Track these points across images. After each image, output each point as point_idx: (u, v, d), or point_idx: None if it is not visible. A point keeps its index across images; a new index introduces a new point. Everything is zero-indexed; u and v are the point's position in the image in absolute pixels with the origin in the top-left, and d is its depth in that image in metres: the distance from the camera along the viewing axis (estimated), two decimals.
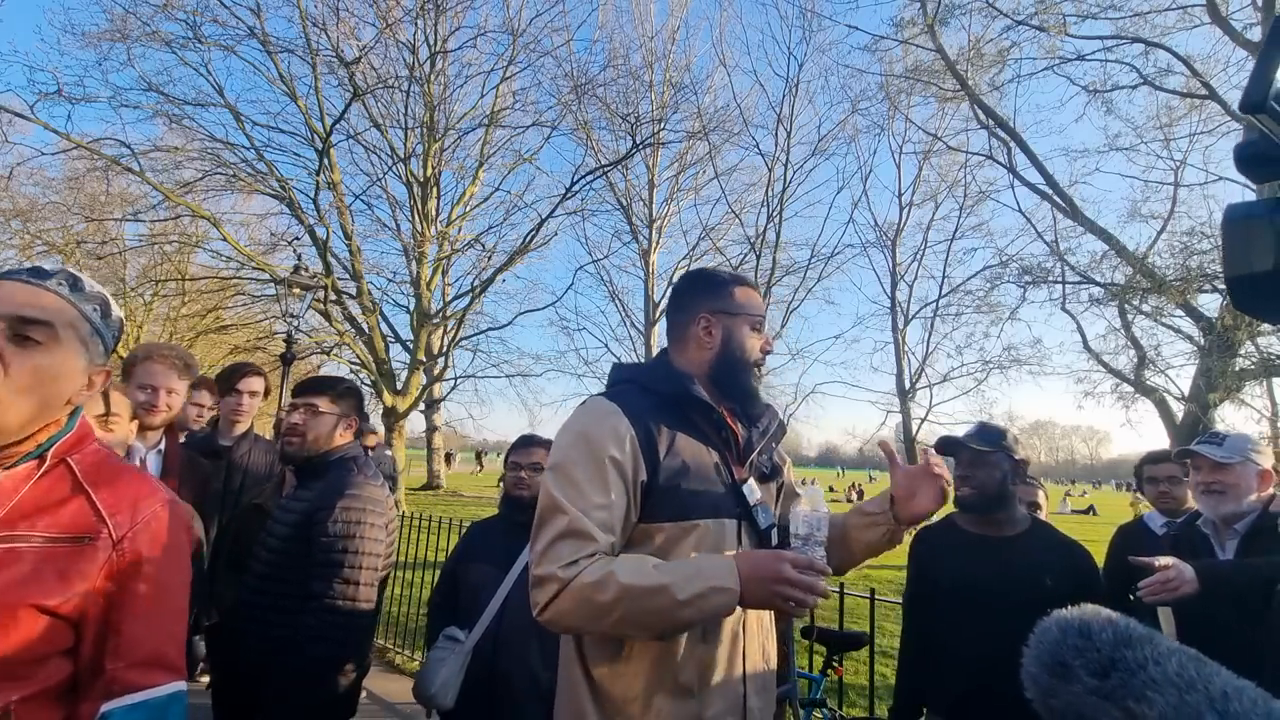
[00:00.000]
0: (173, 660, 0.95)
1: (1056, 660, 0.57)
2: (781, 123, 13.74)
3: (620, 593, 1.04)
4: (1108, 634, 0.56)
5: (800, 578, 1.05)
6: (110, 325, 1.00)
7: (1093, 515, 25.74)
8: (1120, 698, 0.52)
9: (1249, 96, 0.49)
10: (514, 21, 11.76)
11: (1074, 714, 0.55)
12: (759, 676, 1.24)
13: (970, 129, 12.74)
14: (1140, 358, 10.26)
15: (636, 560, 1.11)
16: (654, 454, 1.19)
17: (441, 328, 12.58)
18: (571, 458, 1.18)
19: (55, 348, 0.89)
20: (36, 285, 0.90)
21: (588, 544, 1.10)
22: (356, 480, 1.81)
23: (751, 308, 1.35)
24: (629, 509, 1.17)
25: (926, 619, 2.04)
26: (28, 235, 11.90)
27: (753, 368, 1.34)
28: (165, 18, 9.67)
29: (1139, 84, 10.01)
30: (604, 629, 1.09)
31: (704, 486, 1.22)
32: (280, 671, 1.60)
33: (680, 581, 1.05)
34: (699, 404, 1.27)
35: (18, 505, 0.87)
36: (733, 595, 1.06)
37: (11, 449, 0.89)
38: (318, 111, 10.84)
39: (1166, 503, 2.58)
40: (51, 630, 0.84)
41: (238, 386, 2.77)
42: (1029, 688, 0.59)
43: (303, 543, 1.73)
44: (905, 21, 11.44)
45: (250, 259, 11.27)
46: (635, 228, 14.93)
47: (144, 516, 0.94)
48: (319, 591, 1.67)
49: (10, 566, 0.82)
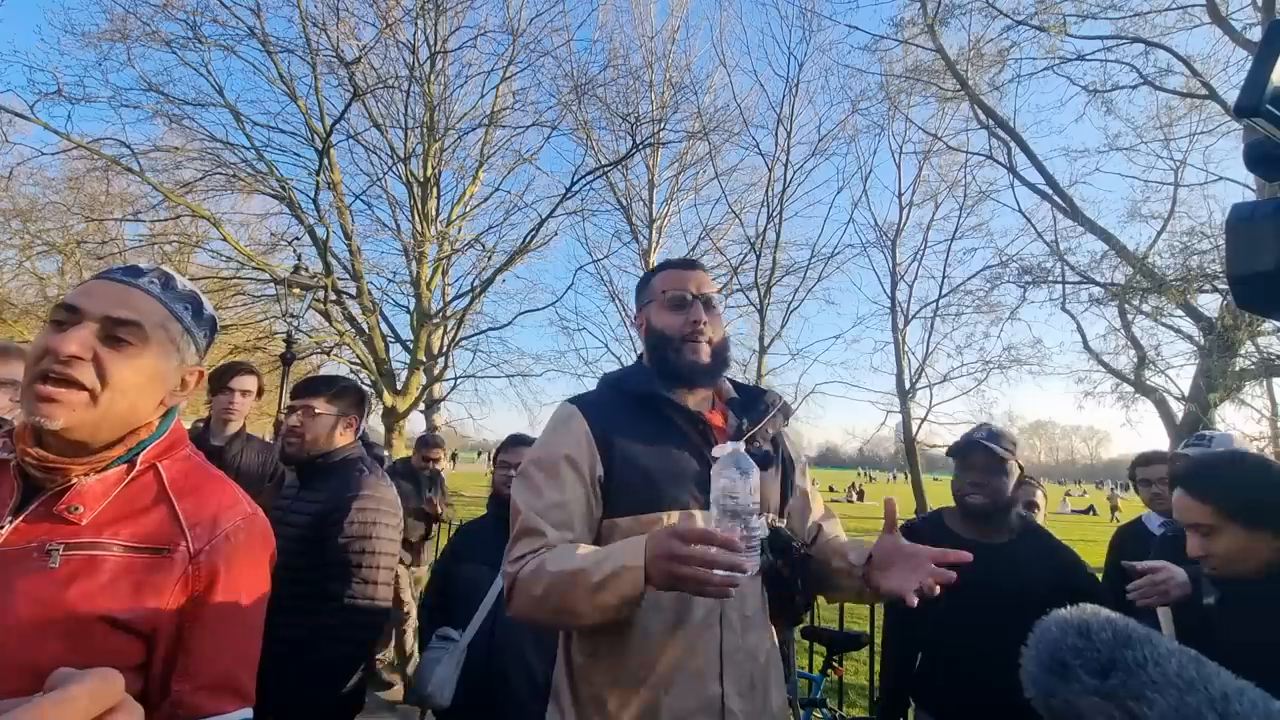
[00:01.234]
0: (243, 685, 0.90)
1: (1056, 660, 0.57)
2: (781, 123, 13.77)
3: (549, 581, 1.05)
4: (1107, 634, 0.56)
5: (692, 552, 0.92)
6: (202, 324, 0.98)
7: (1093, 515, 25.76)
8: (1120, 698, 0.52)
9: (1244, 100, 0.49)
10: (514, 21, 11.78)
11: (1074, 714, 0.55)
12: (744, 676, 1.17)
13: (970, 129, 12.77)
14: (1140, 358, 10.26)
15: (567, 548, 1.10)
16: (611, 449, 1.20)
17: (441, 328, 12.58)
18: (532, 460, 1.22)
19: (146, 349, 0.87)
20: (128, 285, 0.88)
21: (537, 539, 1.13)
22: (368, 481, 1.83)
23: (664, 287, 1.33)
24: (589, 504, 1.18)
25: (911, 616, 2.05)
26: (28, 235, 11.89)
27: (680, 343, 1.28)
28: (165, 18, 9.69)
29: (1139, 84, 10.02)
30: (548, 620, 1.11)
31: (668, 479, 1.20)
32: (296, 671, 1.61)
33: (594, 565, 1.02)
34: (658, 399, 1.26)
35: (104, 512, 0.85)
36: (637, 572, 0.98)
37: (103, 453, 0.87)
38: (318, 111, 10.85)
39: (1160, 503, 2.58)
40: (122, 644, 0.81)
41: (229, 385, 2.76)
42: (1028, 687, 0.59)
43: (315, 544, 1.74)
44: (905, 21, 11.45)
45: (250, 259, 11.27)
46: (635, 228, 14.93)
47: (223, 529, 0.91)
48: (337, 592, 1.68)
49: (89, 576, 0.80)
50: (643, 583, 0.99)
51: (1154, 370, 10.17)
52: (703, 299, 1.31)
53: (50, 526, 0.82)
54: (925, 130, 14.17)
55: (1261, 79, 0.49)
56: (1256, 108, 0.49)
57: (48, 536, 0.81)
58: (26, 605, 0.77)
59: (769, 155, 13.79)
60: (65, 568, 0.80)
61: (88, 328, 0.83)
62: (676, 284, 1.31)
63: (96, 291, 0.86)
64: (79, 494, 0.84)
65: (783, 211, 13.72)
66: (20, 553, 0.80)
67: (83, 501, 0.84)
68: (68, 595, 0.78)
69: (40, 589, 0.78)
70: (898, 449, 17.18)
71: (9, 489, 0.84)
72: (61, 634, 0.77)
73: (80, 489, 0.84)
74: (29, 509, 0.83)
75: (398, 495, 1.94)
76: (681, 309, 1.30)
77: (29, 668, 0.75)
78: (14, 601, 0.77)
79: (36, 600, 0.77)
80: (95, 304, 0.85)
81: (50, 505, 0.84)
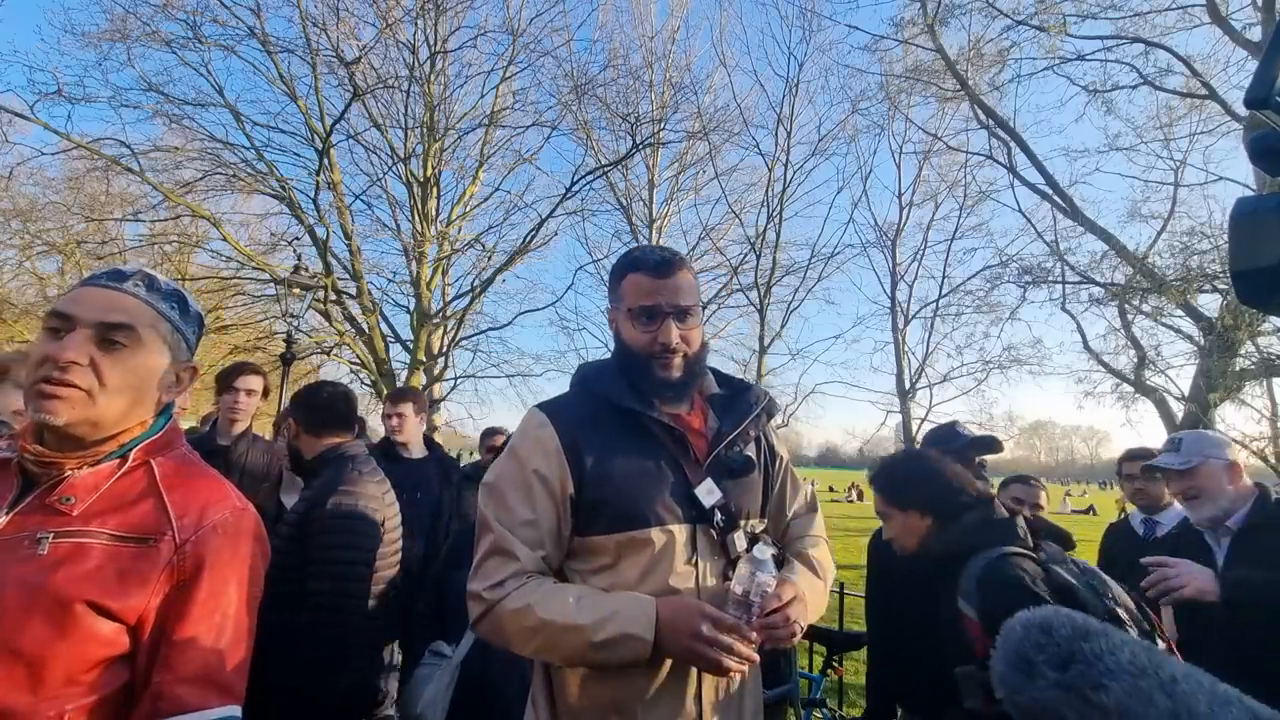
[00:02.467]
0: (226, 680, 0.90)
1: (1021, 657, 0.60)
2: (781, 123, 13.75)
3: (537, 625, 1.03)
4: (1066, 629, 0.59)
5: (719, 638, 0.98)
6: (190, 320, 1.01)
7: (1092, 515, 25.74)
8: (1079, 688, 0.55)
9: (1253, 92, 0.49)
10: (514, 21, 11.76)
11: (1039, 708, 0.57)
12: (721, 702, 1.14)
13: (970, 129, 12.73)
14: (1140, 358, 10.25)
15: (558, 592, 1.07)
16: (581, 465, 1.14)
17: (441, 328, 12.57)
18: (500, 473, 1.16)
19: (139, 349, 0.91)
20: (115, 289, 0.92)
21: (511, 562, 1.09)
22: (350, 476, 1.81)
23: (634, 297, 1.21)
24: (559, 523, 1.13)
25: (888, 618, 2.07)
26: (28, 235, 11.88)
27: (648, 361, 1.19)
28: (165, 18, 9.67)
29: (1139, 84, 10.00)
30: (525, 652, 1.08)
31: (645, 494, 1.13)
32: (273, 669, 1.60)
33: (595, 624, 1.01)
34: (630, 411, 1.18)
35: (95, 503, 0.88)
36: (645, 645, 1.00)
37: (96, 447, 0.90)
38: (318, 111, 10.83)
39: (1141, 499, 2.61)
40: (108, 633, 0.83)
41: (234, 384, 2.78)
42: (997, 687, 0.62)
43: (301, 541, 1.73)
44: (905, 21, 11.43)
45: (250, 259, 11.27)
46: (635, 228, 14.92)
47: (211, 521, 0.92)
48: (313, 590, 1.66)
49: (75, 563, 0.82)
50: (649, 654, 1.00)
51: (1154, 370, 10.16)
52: (675, 312, 1.19)
53: (43, 517, 0.85)
54: (925, 130, 14.16)
55: (1271, 72, 0.49)
56: (1265, 100, 0.49)
57: (40, 526, 0.84)
58: (14, 590, 0.79)
59: (769, 155, 13.78)
60: (53, 554, 0.82)
61: (83, 334, 0.87)
62: (646, 295, 1.20)
63: (86, 298, 0.90)
64: (71, 486, 0.87)
65: (783, 211, 13.72)
66: (13, 541, 0.83)
67: (75, 493, 0.87)
68: (54, 579, 0.80)
69: (28, 574, 0.80)
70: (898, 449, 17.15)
71: (9, 485, 0.88)
72: (46, 617, 0.79)
73: (73, 481, 0.87)
74: (24, 501, 0.86)
75: (388, 491, 1.91)
76: (651, 324, 1.20)
77: (14, 651, 0.77)
78: (3, 587, 0.79)
79: (23, 584, 0.80)
80: (87, 310, 0.88)
81: (44, 497, 0.87)
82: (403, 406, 3.20)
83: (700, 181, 15.69)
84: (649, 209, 15.21)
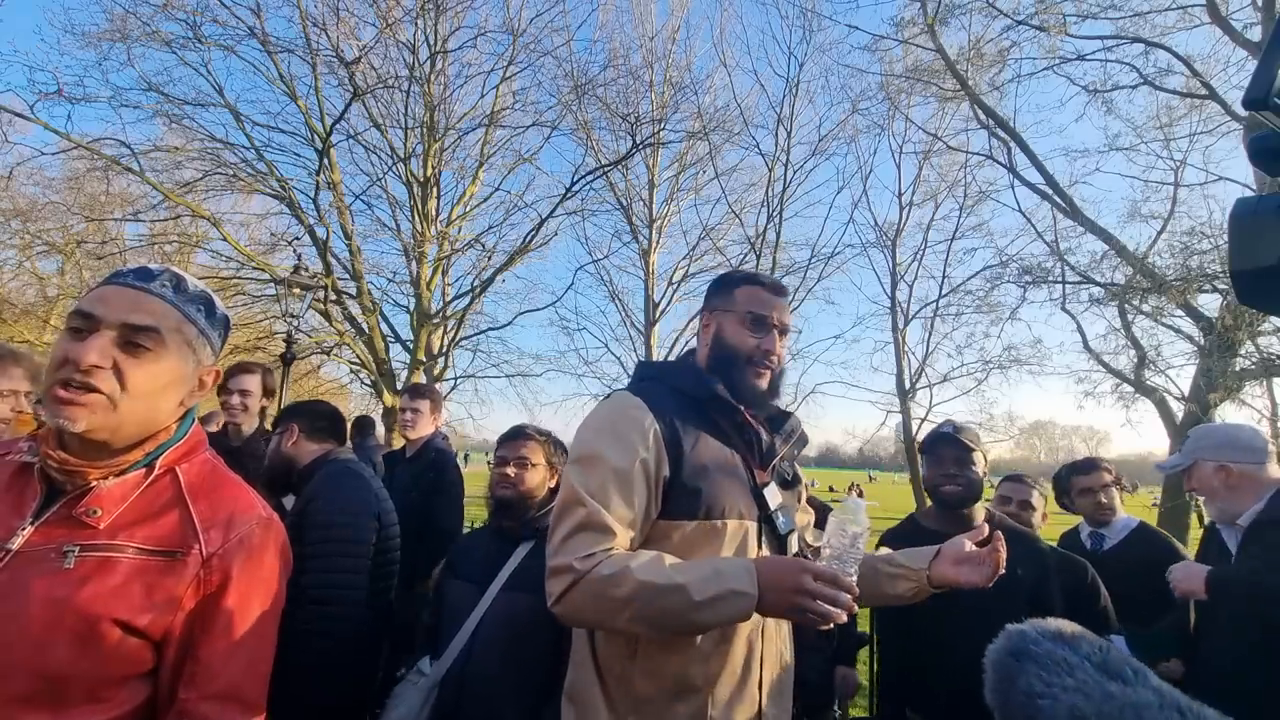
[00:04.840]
0: (251, 696, 0.89)
1: (1003, 666, 0.66)
2: (782, 123, 13.73)
3: (635, 589, 1.01)
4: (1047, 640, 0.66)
5: (823, 590, 0.99)
6: (216, 324, 0.97)
7: None
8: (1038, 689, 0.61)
9: (1251, 93, 0.49)
10: (514, 21, 11.75)
11: (1013, 709, 0.63)
12: (776, 683, 1.21)
13: (970, 129, 12.73)
14: (1140, 358, 10.25)
15: (654, 557, 1.07)
16: (678, 450, 1.17)
17: (441, 328, 12.57)
18: (596, 450, 1.16)
19: (164, 353, 0.87)
20: (141, 289, 0.88)
21: (606, 538, 1.08)
22: (339, 480, 1.83)
23: (748, 304, 1.32)
24: (650, 505, 1.15)
25: (899, 618, 2.07)
26: (28, 235, 11.89)
27: (745, 364, 1.29)
28: (165, 18, 9.66)
29: (1139, 84, 10.00)
30: (618, 626, 1.07)
31: (726, 487, 1.19)
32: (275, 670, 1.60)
33: (697, 582, 1.01)
34: (722, 404, 1.25)
35: (122, 515, 0.85)
36: (750, 601, 1.01)
37: (122, 455, 0.87)
38: (318, 111, 10.84)
39: (1096, 512, 2.59)
40: (133, 650, 0.81)
41: (227, 385, 2.81)
42: (986, 694, 0.68)
43: (297, 544, 1.73)
44: (905, 21, 11.43)
45: (250, 259, 11.27)
46: (635, 228, 14.91)
47: (237, 534, 0.90)
48: (301, 589, 1.65)
49: (101, 578, 0.80)
50: (753, 610, 1.02)
51: (1154, 370, 10.17)
52: (780, 328, 1.32)
53: (70, 530, 0.82)
54: (925, 130, 14.14)
55: (1270, 73, 0.49)
56: (1264, 100, 0.49)
57: (66, 539, 0.81)
58: (40, 607, 0.77)
59: (769, 155, 13.77)
60: (79, 569, 0.80)
61: (105, 335, 0.83)
62: (762, 305, 1.31)
63: (111, 298, 0.86)
64: (98, 497, 0.84)
65: (783, 211, 13.70)
66: (39, 554, 0.80)
67: (101, 505, 0.84)
68: (80, 596, 0.78)
69: (53, 590, 0.78)
70: (898, 449, 17.15)
71: (32, 492, 0.85)
72: (71, 637, 0.77)
73: (99, 492, 0.85)
74: (49, 512, 0.83)
75: (370, 495, 1.87)
76: (759, 331, 1.30)
77: (37, 671, 0.75)
78: (28, 604, 0.77)
79: (49, 601, 0.77)
80: (112, 311, 0.85)
81: (70, 508, 0.84)
82: (419, 402, 3.22)
83: (700, 181, 15.70)
84: (649, 209, 15.21)
